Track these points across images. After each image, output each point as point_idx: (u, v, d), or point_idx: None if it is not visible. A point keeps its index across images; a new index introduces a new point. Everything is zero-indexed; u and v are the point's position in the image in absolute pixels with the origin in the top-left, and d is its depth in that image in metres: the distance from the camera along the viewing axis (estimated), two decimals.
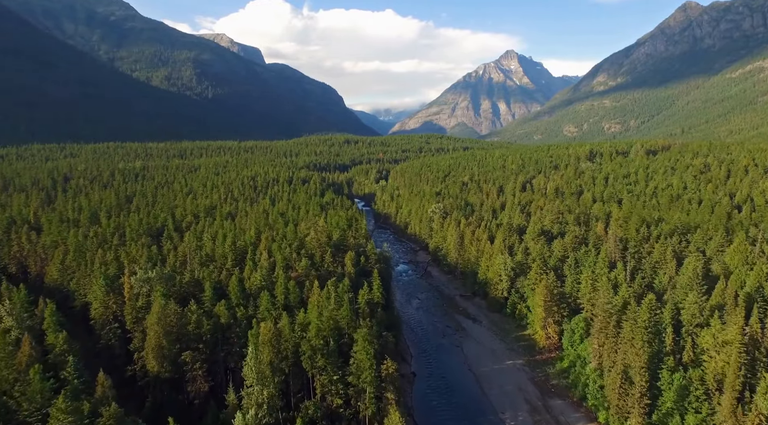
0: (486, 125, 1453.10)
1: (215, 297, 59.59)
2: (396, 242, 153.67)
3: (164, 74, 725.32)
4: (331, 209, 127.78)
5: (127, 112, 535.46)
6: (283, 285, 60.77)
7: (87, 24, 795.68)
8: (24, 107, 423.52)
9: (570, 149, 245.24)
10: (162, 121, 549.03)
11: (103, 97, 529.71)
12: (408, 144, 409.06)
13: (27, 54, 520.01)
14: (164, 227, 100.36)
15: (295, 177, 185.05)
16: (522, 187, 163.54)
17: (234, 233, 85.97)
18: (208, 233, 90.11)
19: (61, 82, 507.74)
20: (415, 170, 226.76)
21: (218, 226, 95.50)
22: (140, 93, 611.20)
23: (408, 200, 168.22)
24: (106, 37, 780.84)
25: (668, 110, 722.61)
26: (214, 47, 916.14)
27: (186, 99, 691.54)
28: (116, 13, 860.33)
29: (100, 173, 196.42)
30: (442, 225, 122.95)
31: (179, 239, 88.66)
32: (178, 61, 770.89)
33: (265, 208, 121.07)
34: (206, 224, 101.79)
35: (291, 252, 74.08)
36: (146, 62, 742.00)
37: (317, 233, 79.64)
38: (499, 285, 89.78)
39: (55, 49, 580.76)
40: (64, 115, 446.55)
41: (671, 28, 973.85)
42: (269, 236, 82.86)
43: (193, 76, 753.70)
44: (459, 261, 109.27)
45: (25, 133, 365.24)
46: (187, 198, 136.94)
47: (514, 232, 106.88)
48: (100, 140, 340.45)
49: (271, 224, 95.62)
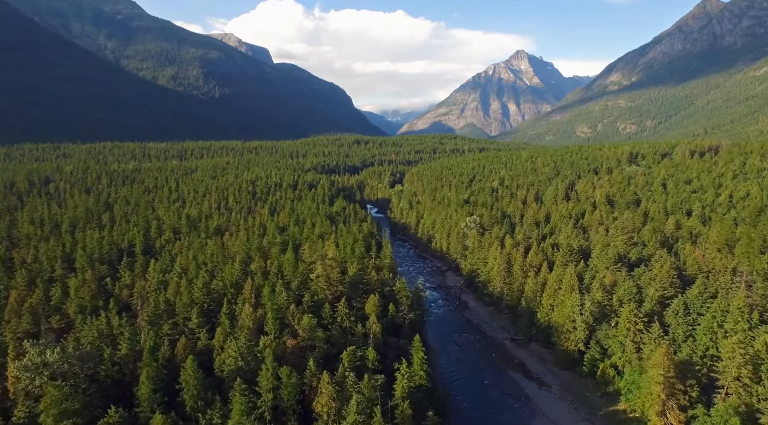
0: (495, 125, 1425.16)
1: (157, 392, 37.01)
2: (418, 258, 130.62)
3: (171, 73, 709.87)
4: (342, 223, 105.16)
5: (131, 111, 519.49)
6: (272, 372, 37.99)
7: (93, 23, 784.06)
8: (23, 106, 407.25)
9: (605, 149, 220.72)
10: (167, 120, 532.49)
11: (107, 97, 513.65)
12: (421, 145, 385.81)
13: (29, 52, 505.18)
14: (133, 247, 78.43)
15: (301, 181, 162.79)
16: (565, 194, 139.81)
17: (214, 262, 63.71)
18: (182, 259, 67.87)
19: (63, 81, 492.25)
20: (434, 173, 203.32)
21: (196, 249, 73.25)
22: (145, 92, 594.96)
23: (431, 209, 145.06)
24: (113, 36, 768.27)
25: (687, 110, 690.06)
26: (222, 46, 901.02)
27: (192, 98, 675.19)
28: (123, 12, 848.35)
29: (85, 176, 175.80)
30: (480, 243, 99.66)
31: (142, 268, 66.46)
32: (185, 60, 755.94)
33: (263, 221, 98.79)
34: (186, 243, 79.69)
35: (288, 299, 51.16)
36: (153, 61, 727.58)
37: (326, 268, 56.91)
38: (572, 335, 66.49)
39: (59, 47, 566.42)
40: (64, 114, 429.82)
41: (689, 26, 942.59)
42: (260, 269, 60.56)
43: (200, 76, 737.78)
44: (505, 292, 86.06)
45: (21, 132, 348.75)
46: (172, 207, 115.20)
47: (575, 255, 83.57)
48: (99, 140, 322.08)
49: (265, 247, 73.09)
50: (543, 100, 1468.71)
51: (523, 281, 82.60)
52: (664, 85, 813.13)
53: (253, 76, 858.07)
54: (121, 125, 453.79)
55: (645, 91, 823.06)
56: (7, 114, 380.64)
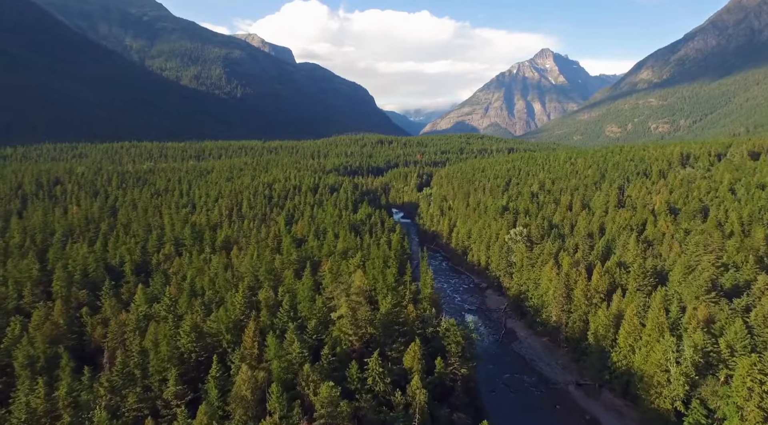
0: (520, 125, 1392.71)
1: None
2: (451, 272, 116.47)
3: (193, 73, 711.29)
4: (368, 233, 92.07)
5: (154, 111, 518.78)
6: None
7: (120, 25, 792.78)
8: (46, 106, 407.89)
9: (650, 150, 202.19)
10: (189, 120, 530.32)
11: (130, 97, 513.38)
12: (447, 145, 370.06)
13: (56, 54, 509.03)
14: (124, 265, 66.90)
15: (322, 184, 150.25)
16: (617, 201, 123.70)
17: (215, 290, 51.34)
18: (176, 283, 55.71)
19: (87, 82, 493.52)
20: (465, 175, 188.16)
21: (196, 269, 61.00)
22: (168, 92, 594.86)
23: (464, 217, 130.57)
24: (138, 37, 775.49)
25: (724, 108, 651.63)
26: (244, 46, 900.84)
27: (214, 98, 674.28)
28: (149, 14, 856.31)
29: (95, 178, 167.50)
30: (529, 260, 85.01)
31: (129, 295, 54.51)
32: (208, 60, 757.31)
33: (277, 232, 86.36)
34: (187, 260, 67.79)
35: (302, 352, 37.64)
36: (176, 61, 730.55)
37: (352, 306, 43.25)
38: (665, 389, 51.68)
39: (85, 48, 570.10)
40: (86, 114, 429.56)
41: (724, 21, 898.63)
42: (268, 302, 47.86)
43: (222, 75, 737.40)
44: (564, 321, 71.52)
45: (43, 132, 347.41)
46: (180, 213, 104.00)
47: (649, 278, 68.49)
48: (120, 140, 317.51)
49: (277, 269, 60.40)
50: (569, 100, 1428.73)
51: (587, 310, 67.95)
52: (698, 82, 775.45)
53: (275, 75, 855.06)
54: (143, 125, 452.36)
55: (677, 89, 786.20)
56: (29, 115, 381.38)
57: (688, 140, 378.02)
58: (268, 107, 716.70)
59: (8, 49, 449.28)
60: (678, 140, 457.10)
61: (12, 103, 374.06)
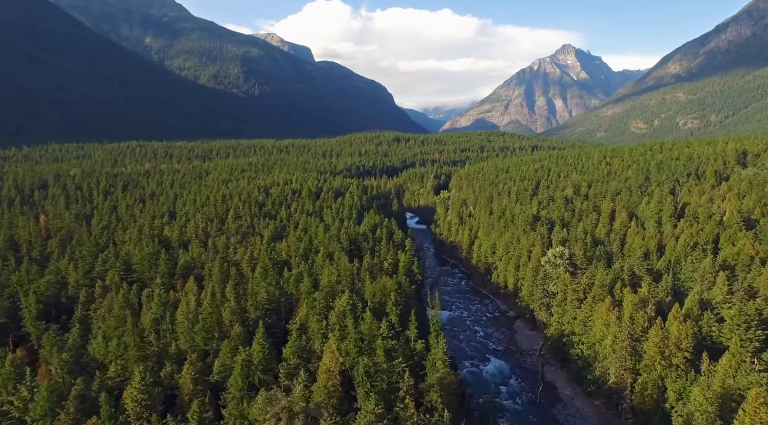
0: (541, 122, 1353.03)
1: None
2: (472, 294, 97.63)
3: (212, 72, 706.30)
4: (369, 253, 74.40)
5: (171, 110, 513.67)
6: None
7: (141, 26, 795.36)
8: (60, 106, 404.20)
9: (695, 146, 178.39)
10: (206, 119, 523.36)
11: (146, 96, 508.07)
12: (467, 142, 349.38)
13: (75, 55, 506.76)
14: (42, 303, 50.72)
15: (326, 188, 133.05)
16: (674, 209, 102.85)
17: (124, 359, 34.54)
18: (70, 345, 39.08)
19: (104, 82, 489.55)
20: (487, 176, 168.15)
21: (118, 318, 44.36)
22: (186, 91, 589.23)
23: (488, 226, 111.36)
24: (158, 38, 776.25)
25: (759, 102, 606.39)
26: (263, 45, 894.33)
27: (232, 97, 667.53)
28: (169, 15, 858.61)
29: (84, 181, 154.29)
30: (575, 292, 65.71)
31: (26, 352, 38.13)
32: (227, 59, 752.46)
33: (255, 252, 69.37)
34: (118, 300, 51.19)
35: None
36: (195, 61, 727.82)
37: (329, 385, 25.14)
38: None
39: (105, 49, 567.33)
40: (101, 114, 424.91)
41: (760, 10, 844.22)
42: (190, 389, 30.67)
43: (240, 74, 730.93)
44: (628, 382, 52.38)
45: (55, 132, 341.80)
46: (151, 224, 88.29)
47: (755, 330, 48.90)
48: (135, 139, 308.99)
49: (226, 327, 42.76)
50: (591, 96, 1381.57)
51: (665, 374, 48.76)
52: (730, 75, 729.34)
53: (293, 74, 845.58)
54: (159, 124, 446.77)
55: (707, 83, 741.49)
56: (42, 114, 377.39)
57: (720, 136, 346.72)
58: (285, 105, 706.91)
59: (24, 50, 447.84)
60: (703, 136, 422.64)
61: (24, 104, 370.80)
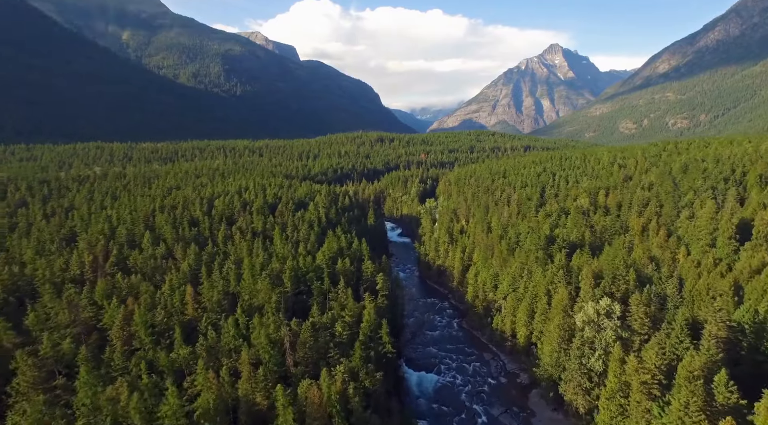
0: (528, 122, 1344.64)
1: None
2: (466, 340, 74.78)
3: (192, 71, 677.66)
4: (321, 303, 51.29)
5: (148, 109, 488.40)
6: None
7: (117, 22, 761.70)
8: (22, 105, 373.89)
9: (717, 146, 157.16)
10: (185, 119, 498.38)
11: (121, 95, 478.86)
12: (455, 143, 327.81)
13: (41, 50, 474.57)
14: None
15: (286, 197, 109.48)
16: (733, 230, 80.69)
17: None
18: None
19: (74, 80, 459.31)
20: (481, 182, 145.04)
21: None
22: (163, 90, 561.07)
23: (486, 248, 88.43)
24: (136, 34, 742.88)
25: (749, 102, 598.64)
26: (245, 42, 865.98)
27: (213, 96, 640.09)
28: (147, 11, 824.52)
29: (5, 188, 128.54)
30: (648, 392, 42.74)
31: None
32: (207, 56, 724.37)
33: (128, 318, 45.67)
34: None
35: None
36: (174, 59, 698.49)
37: None
38: None
39: (75, 45, 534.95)
40: (68, 114, 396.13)
41: (748, 9, 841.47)
42: None
43: (221, 73, 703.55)
44: None
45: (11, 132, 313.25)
46: (36, 262, 63.98)
47: None
48: (101, 140, 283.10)
49: None
50: (578, 96, 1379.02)
51: None
52: (719, 74, 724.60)
53: (277, 73, 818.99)
54: (133, 125, 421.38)
55: (696, 82, 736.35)
56: (3, 113, 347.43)
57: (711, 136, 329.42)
58: (268, 105, 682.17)
59: None
60: (692, 136, 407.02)
61: None
